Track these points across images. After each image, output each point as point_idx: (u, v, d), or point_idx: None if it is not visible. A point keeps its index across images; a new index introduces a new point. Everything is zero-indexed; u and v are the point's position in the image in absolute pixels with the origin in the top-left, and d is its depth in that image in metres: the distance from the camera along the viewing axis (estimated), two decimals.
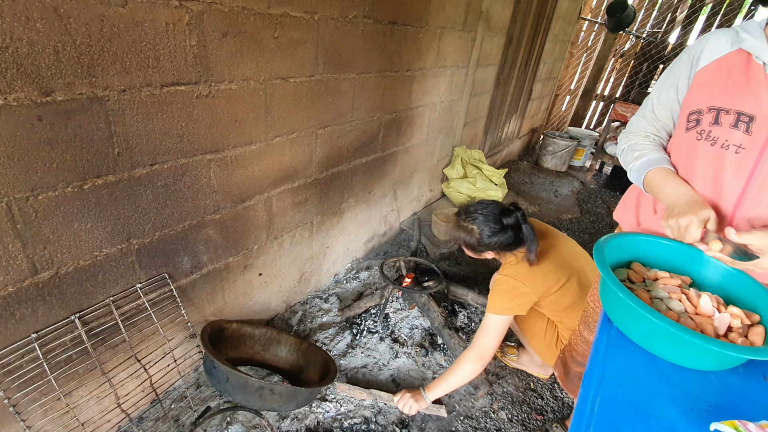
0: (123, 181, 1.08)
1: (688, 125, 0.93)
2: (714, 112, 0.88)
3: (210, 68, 1.16)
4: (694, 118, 0.91)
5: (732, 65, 0.87)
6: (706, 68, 0.91)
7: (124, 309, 1.21)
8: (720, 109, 0.87)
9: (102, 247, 1.10)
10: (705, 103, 0.89)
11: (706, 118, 0.89)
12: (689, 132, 0.93)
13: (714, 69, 0.89)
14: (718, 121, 0.87)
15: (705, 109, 0.89)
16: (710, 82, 0.90)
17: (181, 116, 1.14)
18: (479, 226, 1.36)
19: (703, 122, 0.89)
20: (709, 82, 0.90)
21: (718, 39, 0.90)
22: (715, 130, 0.87)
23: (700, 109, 0.90)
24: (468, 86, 2.75)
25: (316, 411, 1.50)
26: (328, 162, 1.79)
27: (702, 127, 0.90)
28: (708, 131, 0.88)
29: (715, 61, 0.90)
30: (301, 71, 1.45)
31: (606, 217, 3.57)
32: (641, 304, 0.74)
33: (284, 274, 1.83)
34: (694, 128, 0.91)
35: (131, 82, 1.01)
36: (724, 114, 0.86)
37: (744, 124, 0.83)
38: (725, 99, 0.86)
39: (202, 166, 1.25)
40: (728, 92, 0.86)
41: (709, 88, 0.90)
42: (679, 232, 0.85)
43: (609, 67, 5.29)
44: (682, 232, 0.84)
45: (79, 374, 1.18)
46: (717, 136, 0.87)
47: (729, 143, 0.86)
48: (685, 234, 0.83)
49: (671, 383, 0.76)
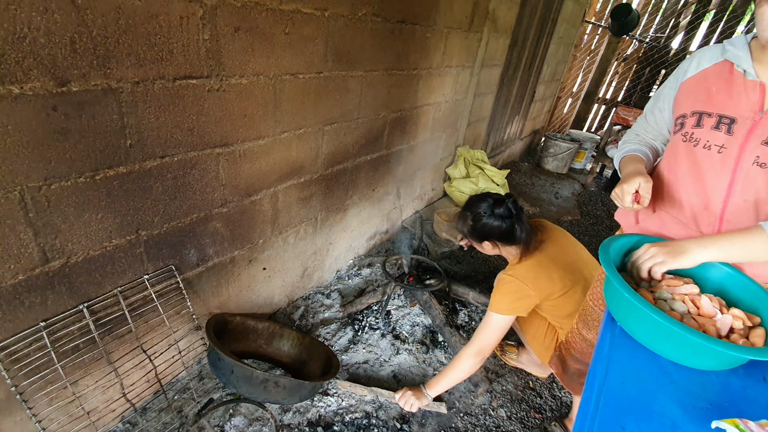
0: (134, 172, 1.09)
1: (675, 128, 1.01)
2: (697, 115, 0.94)
3: (222, 62, 1.17)
4: (680, 122, 0.98)
5: (716, 74, 0.94)
6: (692, 78, 0.98)
7: (131, 300, 1.22)
8: (702, 113, 0.93)
9: (111, 238, 1.11)
10: (689, 107, 0.96)
11: (689, 121, 0.95)
12: (676, 134, 1.00)
13: (699, 78, 0.97)
14: (700, 123, 0.93)
15: (689, 113, 0.96)
16: (694, 90, 0.97)
17: (193, 110, 1.15)
18: (472, 213, 1.42)
19: (687, 125, 0.95)
20: (693, 89, 0.97)
21: (705, 53, 0.98)
22: (697, 132, 0.93)
23: (684, 113, 0.97)
24: (473, 86, 2.76)
25: (317, 405, 1.51)
26: (333, 159, 1.80)
27: (686, 130, 0.96)
28: (691, 133, 0.94)
29: (701, 72, 0.97)
30: (310, 68, 1.46)
31: (606, 220, 3.60)
32: (646, 304, 0.76)
33: (288, 269, 1.84)
34: (680, 131, 0.98)
35: (145, 74, 1.02)
36: (706, 117, 0.92)
37: (725, 125, 0.89)
38: (708, 104, 0.93)
39: (211, 159, 1.26)
40: (711, 98, 0.92)
41: (693, 94, 0.97)
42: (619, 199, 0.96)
43: (611, 71, 5.31)
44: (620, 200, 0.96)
45: (85, 363, 1.19)
46: (699, 137, 0.93)
47: (711, 144, 0.91)
48: (622, 200, 0.95)
49: (673, 381, 0.78)
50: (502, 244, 1.42)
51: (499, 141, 3.88)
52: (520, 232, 1.37)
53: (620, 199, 0.96)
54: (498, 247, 1.43)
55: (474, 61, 2.63)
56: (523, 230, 1.37)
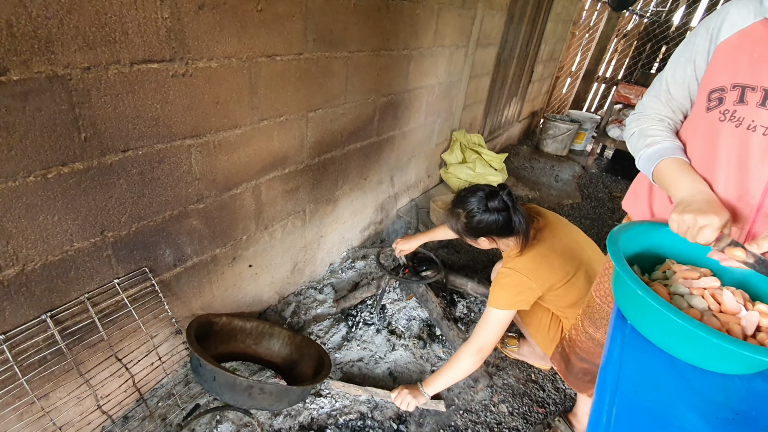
0: (92, 169, 0.99)
1: (709, 104, 0.84)
2: (739, 89, 0.79)
3: (186, 44, 1.06)
4: (716, 97, 0.83)
5: (757, 37, 0.78)
6: (727, 41, 0.82)
7: (101, 306, 1.13)
8: (745, 86, 0.78)
9: (73, 241, 1.01)
10: (728, 79, 0.81)
11: (729, 96, 0.80)
12: (710, 112, 0.84)
13: (736, 42, 0.80)
14: (743, 99, 0.78)
15: (728, 87, 0.80)
16: (733, 57, 0.81)
17: (156, 97, 1.04)
18: (464, 210, 1.31)
19: (727, 101, 0.80)
20: (731, 56, 0.81)
21: (739, 9, 0.80)
22: (740, 110, 0.79)
23: (722, 86, 0.81)
24: (467, 67, 2.63)
25: (310, 407, 1.44)
26: (320, 147, 1.69)
27: (725, 107, 0.81)
28: (732, 111, 0.80)
29: (738, 33, 0.80)
30: (288, 48, 1.34)
31: (607, 203, 3.50)
32: (663, 302, 0.67)
33: (276, 264, 1.75)
34: (716, 108, 0.82)
35: (96, 59, 0.91)
36: (750, 91, 0.77)
37: None
38: (751, 75, 0.77)
39: (181, 151, 1.16)
40: (754, 67, 0.77)
41: (732, 62, 0.81)
42: (689, 229, 0.75)
43: (611, 48, 5.14)
44: (694, 231, 0.75)
45: (55, 375, 1.11)
46: (742, 116, 0.78)
47: (756, 124, 0.77)
48: (698, 233, 0.74)
49: (693, 388, 0.69)
50: (498, 238, 1.33)
51: (496, 124, 3.76)
52: (519, 224, 1.27)
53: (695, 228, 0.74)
54: (495, 241, 1.34)
55: (468, 41, 2.50)
56: (521, 221, 1.28)
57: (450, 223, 1.38)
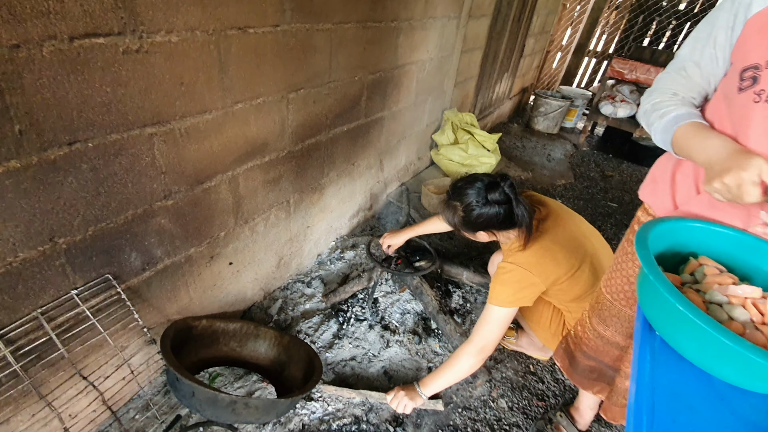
0: (32, 166, 0.83)
1: (742, 84, 0.74)
2: None
3: (138, 14, 0.89)
4: (750, 76, 0.73)
5: None
6: (760, 14, 0.72)
7: (59, 321, 1.00)
8: None
9: (16, 251, 0.87)
10: (763, 56, 0.71)
11: (765, 74, 0.70)
12: (743, 93, 0.74)
13: None
14: None
15: (763, 64, 0.71)
16: (766, 31, 0.71)
17: (105, 79, 0.88)
18: (462, 203, 1.19)
19: (762, 80, 0.71)
20: (764, 29, 0.71)
21: None
22: None
23: (757, 64, 0.72)
24: (459, 41, 2.47)
25: (300, 413, 1.35)
26: (303, 132, 1.55)
27: (761, 86, 0.71)
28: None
29: None
30: (263, 20, 1.18)
31: (600, 182, 3.44)
32: (705, 317, 0.58)
33: (260, 260, 1.63)
34: (751, 88, 0.72)
35: (26, 33, 0.75)
36: None
37: None
38: None
39: (141, 142, 1.01)
40: None
41: (765, 37, 0.71)
42: (731, 194, 0.67)
43: (603, 21, 4.98)
44: (735, 194, 0.67)
45: (13, 398, 0.99)
46: None
47: None
48: (742, 194, 0.66)
49: (734, 413, 0.61)
50: (498, 231, 1.23)
51: (487, 102, 3.61)
52: (521, 217, 1.17)
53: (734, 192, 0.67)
54: (494, 234, 1.24)
55: (460, 11, 2.32)
56: (524, 214, 1.17)
57: (446, 216, 1.26)
